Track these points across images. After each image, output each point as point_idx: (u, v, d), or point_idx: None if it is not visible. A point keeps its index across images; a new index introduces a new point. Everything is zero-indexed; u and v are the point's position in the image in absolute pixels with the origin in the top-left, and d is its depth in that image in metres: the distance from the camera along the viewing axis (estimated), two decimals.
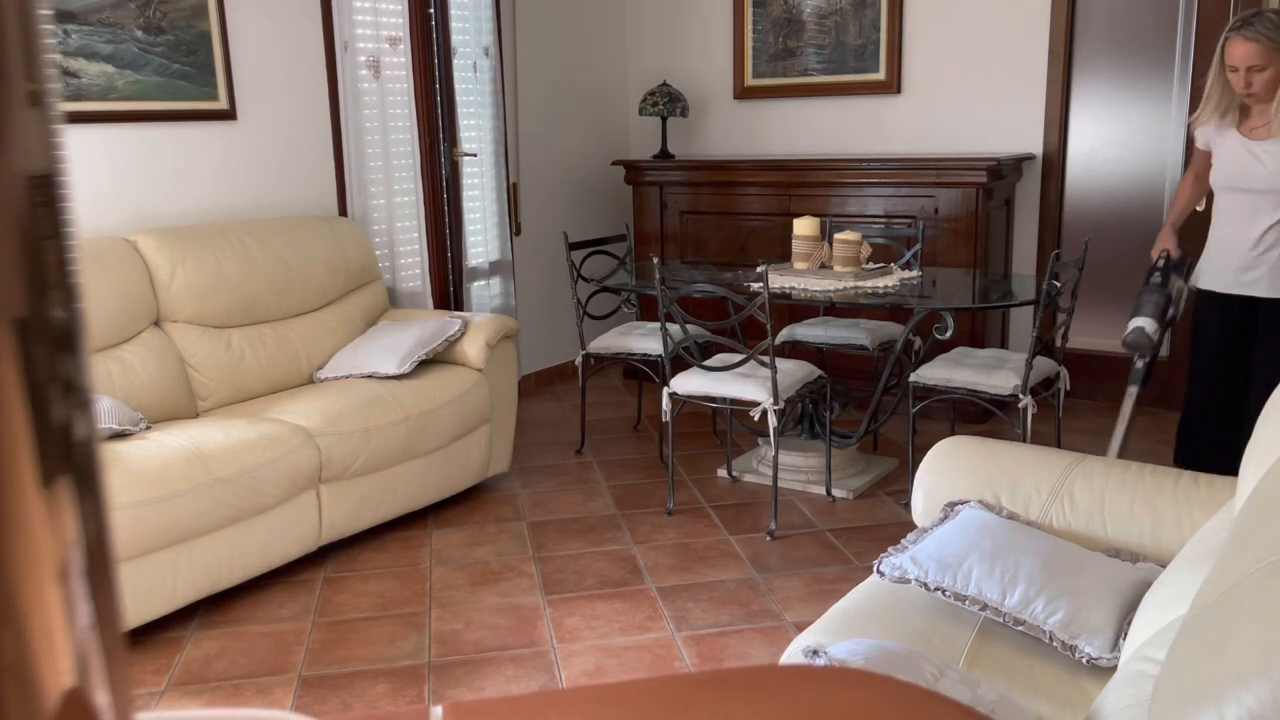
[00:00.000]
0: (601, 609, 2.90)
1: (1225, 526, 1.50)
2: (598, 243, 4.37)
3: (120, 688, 0.33)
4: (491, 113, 4.62)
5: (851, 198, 4.65)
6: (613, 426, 4.64)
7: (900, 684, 0.73)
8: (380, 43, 4.14)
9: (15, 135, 0.28)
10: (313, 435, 3.12)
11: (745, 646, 2.68)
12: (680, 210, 5.16)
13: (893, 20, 4.81)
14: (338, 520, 3.23)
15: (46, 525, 0.30)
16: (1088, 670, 1.66)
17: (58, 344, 0.30)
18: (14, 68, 0.28)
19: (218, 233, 3.54)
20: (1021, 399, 3.30)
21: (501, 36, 4.74)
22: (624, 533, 3.44)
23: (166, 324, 3.38)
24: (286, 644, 2.75)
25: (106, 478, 0.34)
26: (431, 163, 4.35)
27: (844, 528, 3.44)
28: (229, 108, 3.75)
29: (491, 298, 4.76)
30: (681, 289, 3.45)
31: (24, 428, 0.29)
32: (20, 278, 0.29)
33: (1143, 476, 2.03)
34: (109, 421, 2.88)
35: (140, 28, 3.45)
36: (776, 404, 3.31)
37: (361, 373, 3.53)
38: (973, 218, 4.34)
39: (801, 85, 5.12)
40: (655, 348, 4.00)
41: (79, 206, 3.32)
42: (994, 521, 1.96)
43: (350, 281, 3.91)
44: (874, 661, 1.37)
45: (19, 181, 0.29)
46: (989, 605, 1.76)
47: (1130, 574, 1.79)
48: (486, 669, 2.60)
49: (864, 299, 3.39)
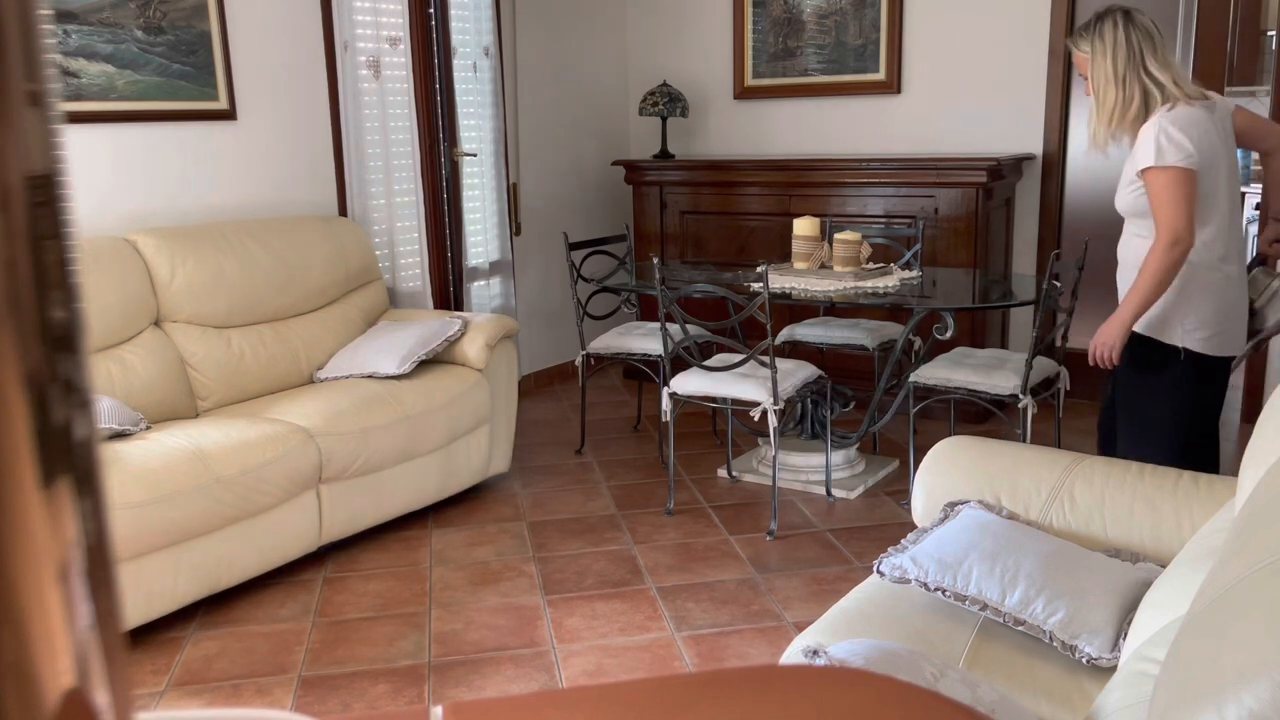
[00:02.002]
0: (601, 609, 2.90)
1: (1225, 526, 1.50)
2: (598, 243, 4.37)
3: (120, 688, 0.33)
4: (491, 113, 4.62)
5: (851, 198, 4.65)
6: (613, 426, 4.64)
7: (900, 684, 0.73)
8: (380, 43, 4.14)
9: (15, 135, 0.28)
10: (313, 435, 3.12)
11: (745, 646, 2.68)
12: (680, 210, 5.16)
13: (893, 20, 4.81)
14: (338, 520, 3.23)
15: (46, 525, 0.30)
16: (1088, 670, 1.66)
17: (58, 344, 0.30)
18: (14, 68, 0.28)
19: (218, 233, 3.54)
20: (1021, 399, 3.30)
21: (501, 36, 4.74)
22: (624, 533, 3.44)
23: (166, 324, 3.38)
24: (286, 644, 2.75)
25: (106, 478, 0.34)
26: (431, 163, 4.35)
27: (844, 528, 3.44)
28: (229, 108, 3.75)
29: (491, 298, 4.76)
30: (681, 289, 3.45)
31: (24, 428, 0.29)
32: (20, 278, 0.29)
33: (1143, 476, 2.03)
34: (109, 421, 2.88)
35: (140, 28, 3.45)
36: (776, 404, 3.31)
37: (361, 373, 3.53)
38: (973, 218, 4.34)
39: (801, 85, 5.12)
40: (655, 348, 4.00)
41: (79, 206, 3.32)
42: (994, 521, 1.96)
43: (350, 281, 3.91)
44: (874, 661, 1.37)
45: (19, 181, 0.29)
46: (989, 605, 1.76)
47: (1130, 574, 1.79)
48: (486, 669, 2.60)
49: (864, 299, 3.39)
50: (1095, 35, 2.61)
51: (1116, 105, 2.59)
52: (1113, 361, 2.65)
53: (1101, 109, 2.62)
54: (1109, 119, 2.61)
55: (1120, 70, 2.57)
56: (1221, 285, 2.61)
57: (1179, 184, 2.48)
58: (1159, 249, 2.51)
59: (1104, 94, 2.60)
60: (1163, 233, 2.51)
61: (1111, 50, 2.57)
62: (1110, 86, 2.59)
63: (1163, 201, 2.50)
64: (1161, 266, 2.51)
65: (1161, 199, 2.50)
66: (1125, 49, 2.56)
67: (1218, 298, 2.61)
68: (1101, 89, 2.61)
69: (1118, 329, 2.62)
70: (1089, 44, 2.62)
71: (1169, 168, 2.48)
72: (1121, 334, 2.62)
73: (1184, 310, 2.61)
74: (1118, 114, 2.59)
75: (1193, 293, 2.60)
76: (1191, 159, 2.48)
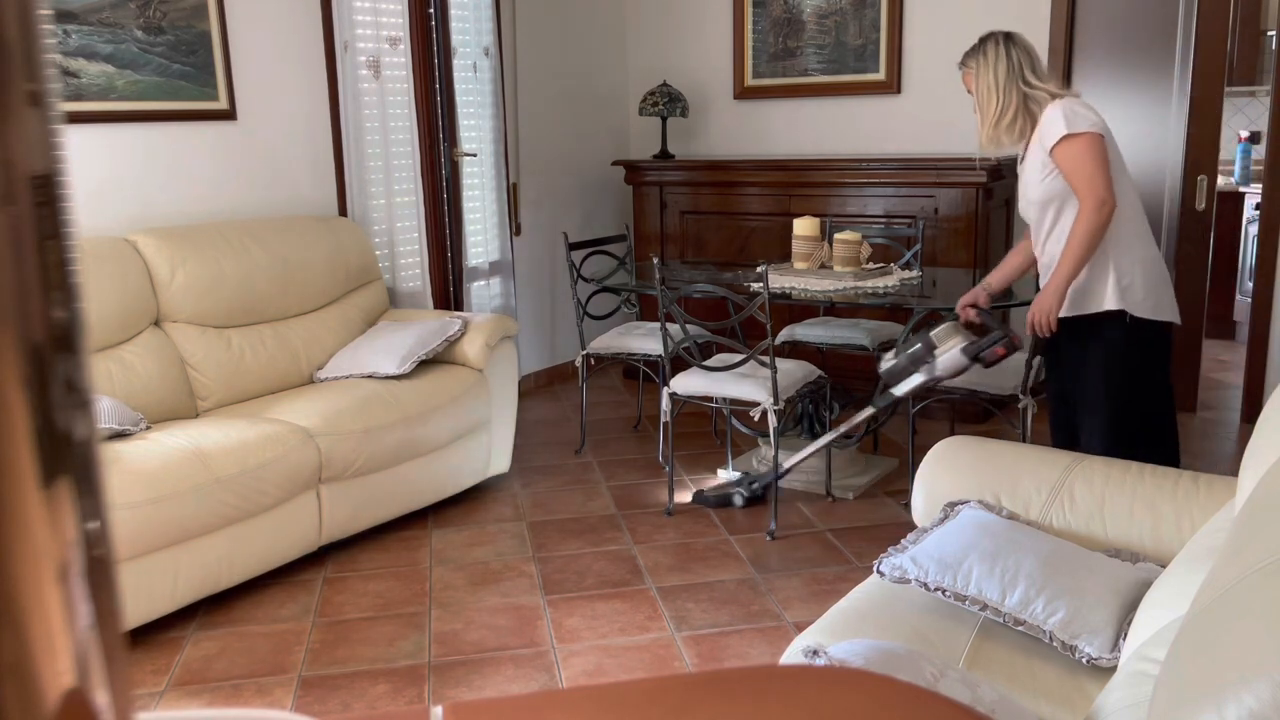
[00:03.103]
0: (601, 609, 2.90)
1: (1225, 526, 1.50)
2: (598, 243, 4.37)
3: (120, 688, 0.33)
4: (491, 113, 4.62)
5: (851, 198, 4.65)
6: (613, 426, 4.64)
7: (900, 684, 0.74)
8: (380, 43, 4.14)
9: (15, 135, 0.28)
10: (313, 435, 3.12)
11: (745, 646, 2.68)
12: (680, 210, 5.16)
13: (893, 20, 4.80)
14: (338, 520, 3.23)
15: (46, 525, 0.30)
16: (1088, 670, 1.66)
17: (58, 344, 0.30)
18: (14, 68, 0.28)
19: (218, 233, 3.54)
20: (1021, 399, 3.30)
21: (501, 36, 4.74)
22: (624, 533, 3.44)
23: (166, 324, 3.38)
24: (286, 644, 2.75)
25: (106, 478, 0.34)
26: (431, 163, 4.35)
27: (844, 528, 3.44)
28: (229, 108, 3.75)
29: (491, 298, 4.76)
30: (681, 289, 3.45)
31: (24, 428, 0.29)
32: (20, 278, 0.29)
33: (1143, 476, 2.03)
34: (109, 421, 2.88)
35: (140, 28, 3.45)
36: (776, 404, 3.31)
37: (361, 373, 3.53)
38: (973, 218, 4.34)
39: (801, 85, 5.12)
40: (655, 348, 4.00)
41: (79, 206, 3.32)
42: (994, 521, 1.96)
43: (350, 281, 3.91)
44: (874, 661, 1.37)
45: (19, 181, 0.29)
46: (989, 605, 1.76)
47: (1130, 574, 1.79)
48: (486, 669, 2.60)
49: (864, 299, 3.39)
50: (979, 54, 2.84)
51: (996, 111, 2.79)
52: (1051, 328, 2.75)
53: (985, 116, 2.82)
54: (991, 125, 2.81)
55: (1001, 80, 2.78)
56: (1149, 256, 2.74)
57: (1093, 147, 2.64)
58: (1086, 212, 2.64)
59: (986, 102, 2.81)
60: (1086, 198, 2.64)
61: (993, 64, 2.80)
62: (992, 95, 2.80)
63: (1081, 165, 2.64)
64: (1090, 228, 2.64)
65: (1080, 164, 2.64)
66: (1005, 63, 2.79)
67: (1148, 266, 2.73)
68: (984, 98, 2.81)
69: (1052, 295, 2.73)
70: (974, 60, 2.85)
71: (1082, 134, 2.64)
72: (1057, 300, 2.73)
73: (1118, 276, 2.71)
74: (996, 119, 2.79)
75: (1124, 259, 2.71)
76: (1098, 125, 2.66)
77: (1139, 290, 2.71)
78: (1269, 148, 4.31)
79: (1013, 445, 2.23)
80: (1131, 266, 2.71)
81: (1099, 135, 2.65)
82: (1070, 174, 2.66)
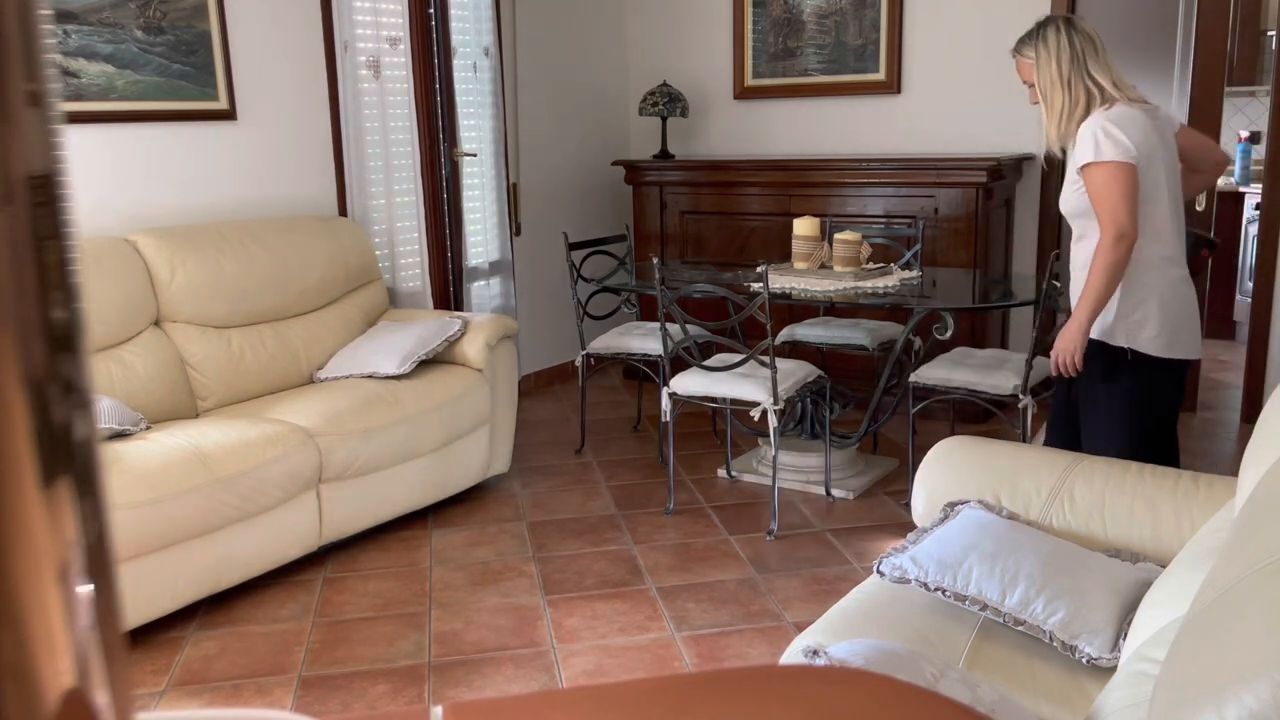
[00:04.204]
0: (601, 609, 2.90)
1: (1225, 526, 1.50)
2: (598, 243, 4.37)
3: (120, 688, 0.33)
4: (491, 113, 4.62)
5: (851, 198, 4.65)
6: (613, 426, 4.64)
7: (900, 684, 0.74)
8: (380, 43, 4.14)
9: (15, 135, 0.28)
10: (313, 435, 3.12)
11: (745, 646, 2.68)
12: (680, 210, 5.16)
13: (893, 20, 4.81)
14: (338, 520, 3.23)
15: (46, 525, 0.30)
16: (1088, 670, 1.66)
17: (58, 344, 0.30)
18: (14, 68, 0.28)
19: (218, 233, 3.54)
20: (1021, 399, 3.30)
21: (501, 36, 4.74)
22: (624, 533, 3.44)
23: (166, 324, 3.38)
24: (286, 644, 2.75)
25: (106, 478, 0.34)
26: (431, 163, 4.35)
27: (844, 528, 3.44)
28: (229, 108, 3.75)
29: (491, 298, 4.76)
30: (681, 289, 3.45)
31: (24, 428, 0.29)
32: (20, 278, 0.29)
33: (1143, 476, 2.03)
34: (109, 421, 2.88)
35: (140, 28, 3.45)
36: (776, 404, 3.31)
37: (361, 373, 3.53)
38: (973, 218, 4.34)
39: (801, 85, 5.12)
40: (655, 348, 4.00)
41: (79, 206, 3.32)
42: (994, 521, 1.96)
43: (350, 281, 3.91)
44: (874, 661, 1.37)
45: (19, 181, 0.29)
46: (989, 605, 1.76)
47: (1130, 574, 1.79)
48: (486, 669, 2.60)
49: (864, 299, 3.39)
50: (1039, 41, 2.63)
51: (1064, 107, 2.61)
52: (1077, 367, 2.64)
53: (1051, 112, 2.64)
54: (1060, 121, 2.62)
55: (1065, 73, 2.59)
56: (1169, 286, 2.60)
57: (1118, 178, 2.49)
58: (1104, 245, 2.51)
59: (1051, 97, 2.63)
60: (1106, 228, 2.51)
61: (1056, 54, 2.60)
62: (1057, 89, 2.61)
63: (1103, 196, 2.51)
64: (1109, 263, 2.51)
65: (1102, 194, 2.51)
66: (1069, 52, 2.59)
67: (1165, 298, 2.59)
68: (1049, 92, 2.63)
69: (1075, 333, 2.60)
70: (1033, 49, 2.65)
71: (1107, 162, 2.49)
72: (1080, 338, 2.60)
73: (1129, 310, 2.59)
74: (1065, 115, 2.61)
75: (1139, 293, 2.59)
76: (1129, 154, 2.49)
77: (1152, 326, 2.58)
78: (1269, 148, 4.31)
79: (1013, 445, 2.23)
80: (1146, 299, 2.57)
81: (1126, 165, 2.48)
82: (1094, 200, 2.53)
